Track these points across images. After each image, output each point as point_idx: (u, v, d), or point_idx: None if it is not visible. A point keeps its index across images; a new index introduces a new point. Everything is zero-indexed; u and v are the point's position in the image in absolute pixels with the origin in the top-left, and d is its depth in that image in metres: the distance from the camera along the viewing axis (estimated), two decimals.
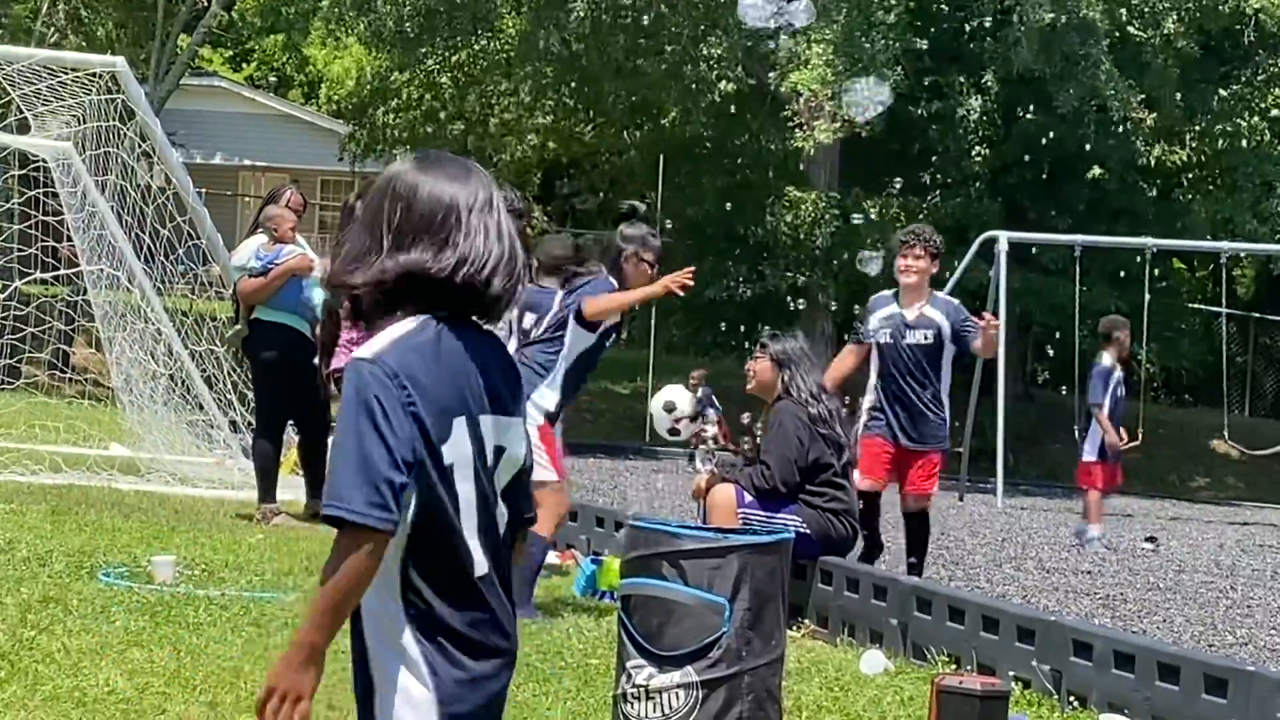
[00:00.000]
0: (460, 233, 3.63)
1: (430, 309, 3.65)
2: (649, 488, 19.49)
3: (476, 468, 3.63)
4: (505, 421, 3.72)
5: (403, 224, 3.64)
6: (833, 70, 29.14)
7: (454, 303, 3.65)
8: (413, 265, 3.61)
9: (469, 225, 3.64)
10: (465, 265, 3.61)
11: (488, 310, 3.69)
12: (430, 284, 3.61)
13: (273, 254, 13.64)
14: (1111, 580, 14.08)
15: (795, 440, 10.54)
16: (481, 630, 3.58)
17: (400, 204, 3.67)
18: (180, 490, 15.63)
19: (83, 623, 8.32)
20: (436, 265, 3.60)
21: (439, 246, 3.62)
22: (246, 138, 49.06)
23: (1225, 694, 7.45)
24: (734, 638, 6.26)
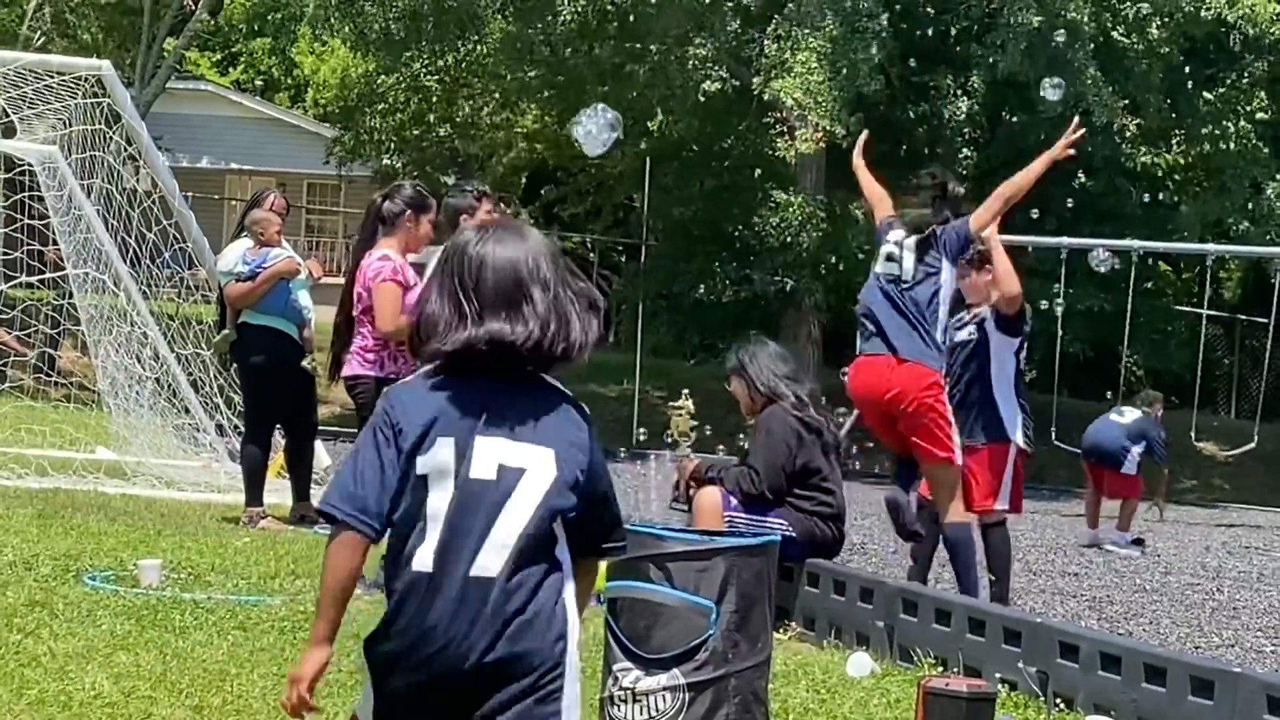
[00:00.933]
0: (529, 304, 4.06)
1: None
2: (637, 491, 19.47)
3: (459, 474, 3.98)
4: (521, 447, 4.03)
5: (480, 295, 4.06)
6: (816, 78, 29.15)
7: (518, 361, 4.08)
8: (496, 335, 4.02)
9: (534, 296, 4.08)
10: (541, 334, 4.05)
11: (544, 367, 4.15)
12: (507, 349, 4.03)
13: (259, 258, 13.62)
14: (1098, 582, 14.10)
15: (784, 446, 10.52)
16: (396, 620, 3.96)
17: (473, 274, 4.08)
18: (166, 494, 15.61)
19: (69, 626, 8.31)
20: (515, 336, 4.02)
21: (514, 317, 4.05)
22: (233, 141, 49.06)
23: (1211, 695, 7.45)
24: (720, 640, 6.25)
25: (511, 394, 4.08)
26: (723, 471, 10.73)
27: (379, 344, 10.77)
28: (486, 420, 4.02)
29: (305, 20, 36.87)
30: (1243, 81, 33.87)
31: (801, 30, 30.05)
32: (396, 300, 10.67)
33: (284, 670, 7.58)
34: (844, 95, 29.44)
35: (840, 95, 29.34)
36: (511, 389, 4.08)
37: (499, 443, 4.01)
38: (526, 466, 4.01)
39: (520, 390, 4.10)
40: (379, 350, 10.78)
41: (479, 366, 4.05)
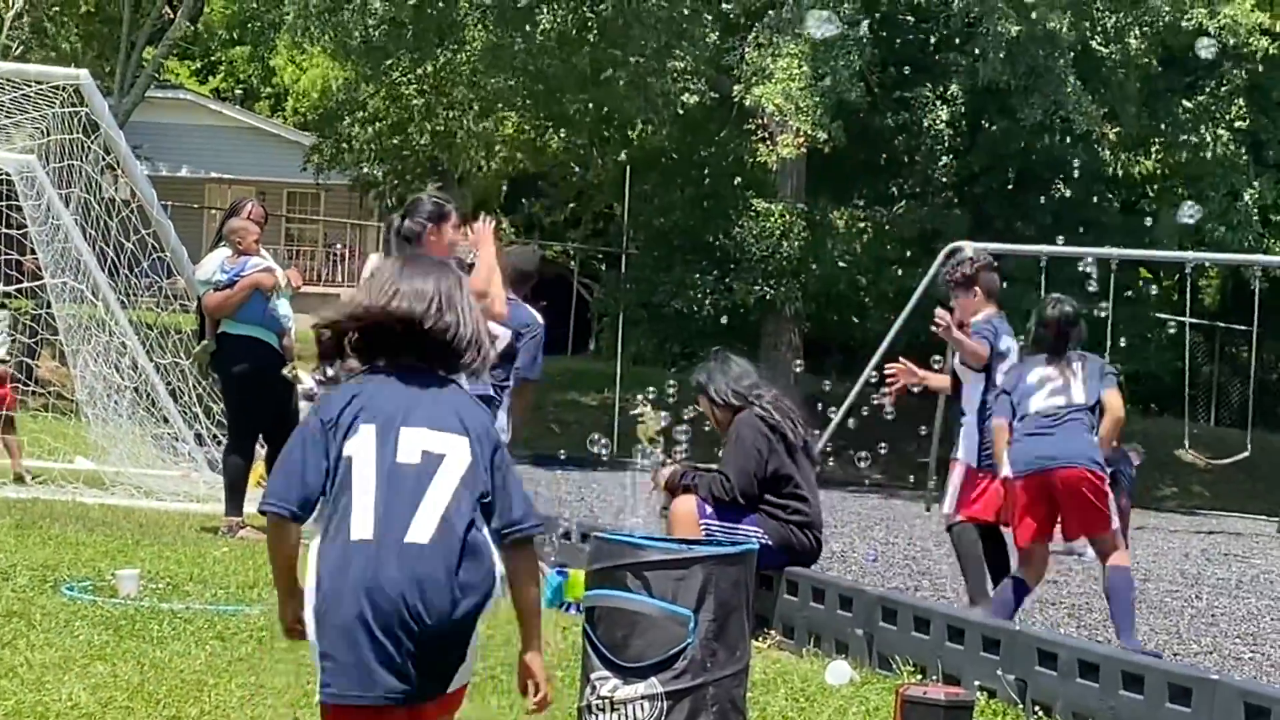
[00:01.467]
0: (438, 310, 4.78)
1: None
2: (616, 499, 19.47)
3: (380, 456, 4.63)
4: (441, 435, 4.71)
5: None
6: (797, 84, 29.17)
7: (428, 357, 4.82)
8: (405, 313, 4.79)
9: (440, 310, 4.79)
10: (442, 320, 4.78)
11: (452, 370, 4.84)
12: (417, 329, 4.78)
13: (238, 267, 13.60)
14: (1078, 590, 14.11)
15: (754, 451, 10.51)
16: (337, 578, 4.56)
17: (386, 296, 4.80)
18: (145, 503, 15.59)
19: (46, 637, 8.29)
20: (423, 316, 4.77)
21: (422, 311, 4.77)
22: (213, 150, 48.99)
23: (1189, 703, 7.46)
24: (698, 649, 6.25)
25: (428, 392, 4.75)
26: (697, 478, 10.72)
27: None
28: (408, 414, 4.68)
29: (285, 28, 36.82)
30: (1221, 90, 33.96)
31: (782, 37, 30.07)
32: None
33: (262, 680, 7.56)
34: (825, 101, 29.47)
35: (821, 101, 29.36)
36: (427, 387, 4.76)
37: (421, 432, 4.67)
38: (446, 452, 4.67)
39: (435, 390, 4.78)
40: None
41: (398, 368, 4.78)
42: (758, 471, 10.49)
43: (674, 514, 10.61)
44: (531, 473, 24.68)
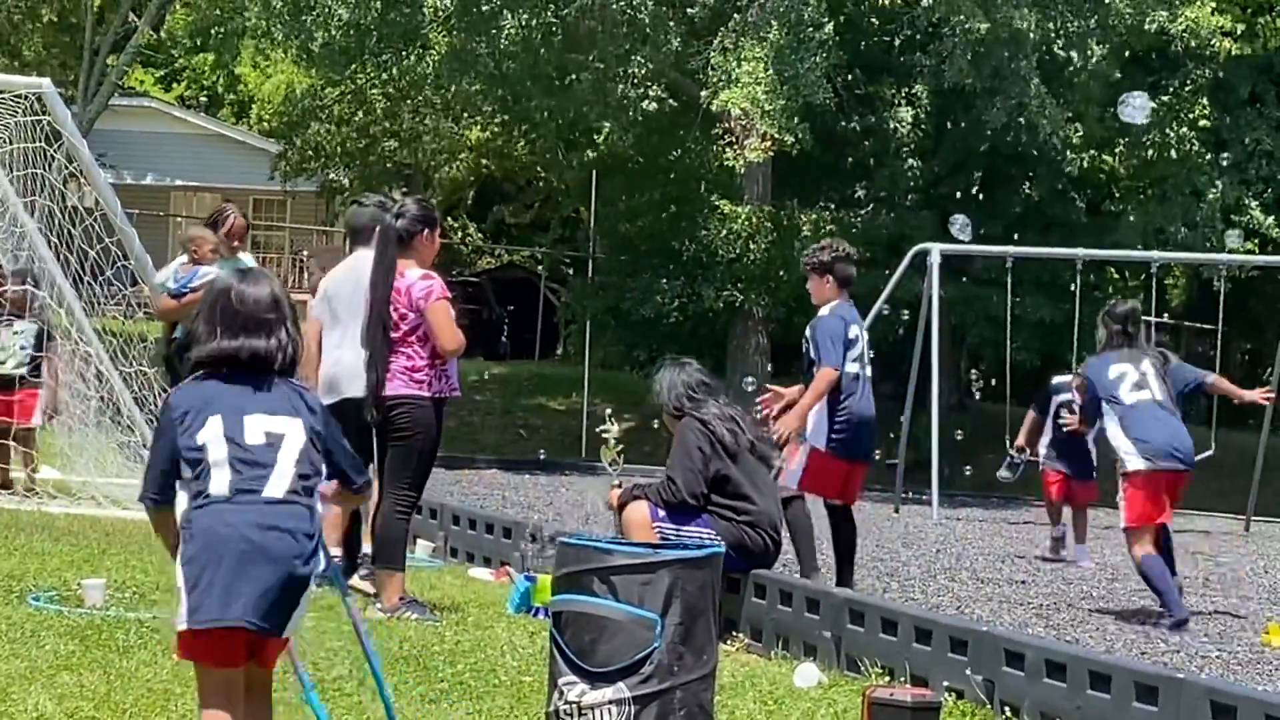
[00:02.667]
0: (277, 329, 5.90)
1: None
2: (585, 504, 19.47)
3: (229, 439, 5.69)
4: (279, 419, 5.81)
5: (242, 319, 5.89)
6: (762, 88, 29.16)
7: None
8: (252, 349, 5.88)
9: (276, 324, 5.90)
10: (281, 349, 5.91)
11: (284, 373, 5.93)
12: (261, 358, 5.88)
13: (189, 276, 13.62)
14: (1045, 590, 14.14)
15: (697, 451, 10.59)
16: (206, 530, 5.65)
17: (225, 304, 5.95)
18: (111, 513, 15.54)
19: (12, 647, 8.26)
20: (268, 350, 5.88)
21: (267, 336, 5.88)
22: (178, 158, 48.85)
23: (1156, 701, 7.49)
24: (665, 653, 6.25)
25: (264, 388, 5.84)
26: (646, 489, 10.79)
27: (429, 364, 10.61)
28: (249, 405, 5.77)
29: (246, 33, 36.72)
30: (1184, 89, 34.06)
31: (747, 40, 30.07)
32: (453, 317, 10.64)
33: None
34: (791, 104, 29.47)
35: (787, 104, 29.36)
36: (262, 385, 5.84)
37: (262, 418, 5.76)
38: (285, 432, 5.77)
39: (269, 386, 5.85)
40: (429, 370, 10.62)
41: (239, 370, 5.82)
42: (703, 472, 10.55)
43: (627, 520, 10.66)
44: (500, 477, 24.69)
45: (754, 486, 10.72)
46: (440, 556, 14.50)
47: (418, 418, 10.51)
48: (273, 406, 5.81)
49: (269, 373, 5.85)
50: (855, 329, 12.37)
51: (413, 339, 10.56)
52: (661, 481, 10.72)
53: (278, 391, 5.86)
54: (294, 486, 5.71)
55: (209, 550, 5.61)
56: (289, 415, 5.82)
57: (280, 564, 5.61)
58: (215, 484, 5.64)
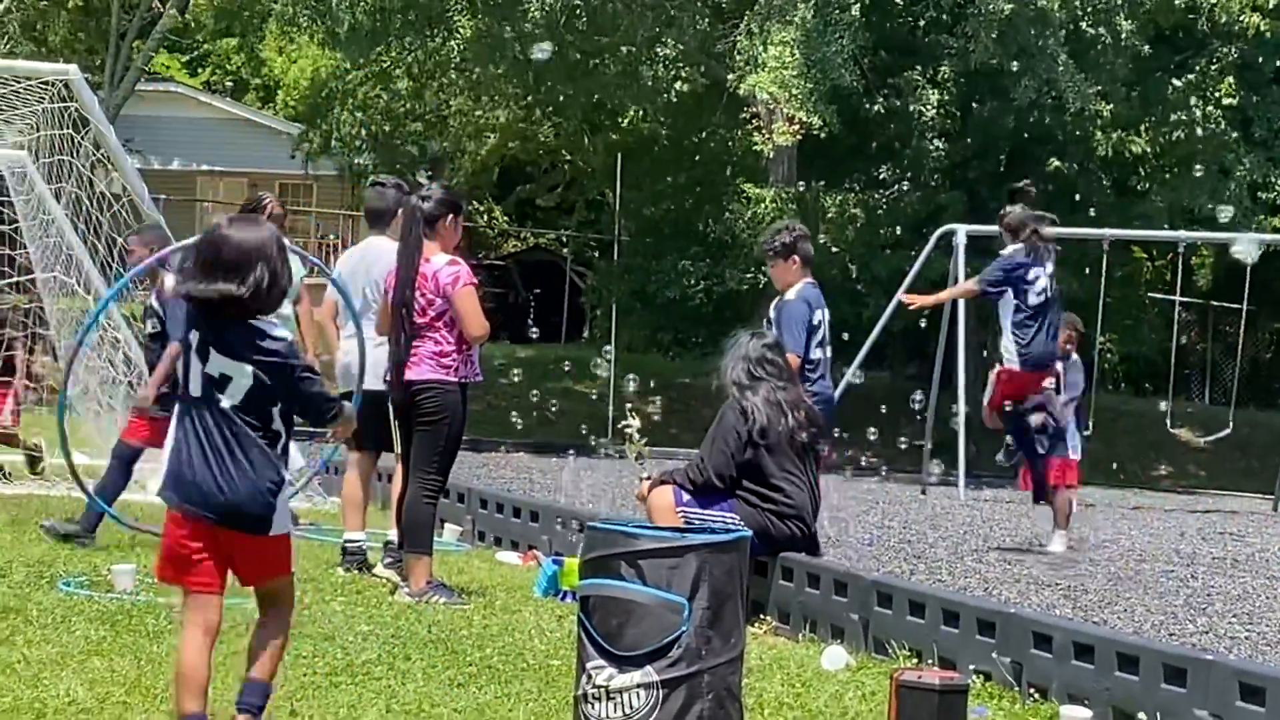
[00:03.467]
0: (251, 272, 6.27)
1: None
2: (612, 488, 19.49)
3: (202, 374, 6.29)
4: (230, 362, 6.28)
5: (217, 262, 6.31)
6: (789, 71, 29.12)
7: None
8: (224, 291, 6.26)
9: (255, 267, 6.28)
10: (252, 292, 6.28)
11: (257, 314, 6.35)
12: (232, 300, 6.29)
13: None
14: (1072, 571, 14.11)
15: (733, 435, 10.52)
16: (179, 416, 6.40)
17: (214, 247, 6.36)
18: (140, 498, 15.58)
19: (43, 633, 8.30)
20: (239, 292, 6.25)
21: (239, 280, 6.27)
22: (204, 143, 48.93)
23: (1185, 683, 7.48)
24: (693, 636, 6.26)
25: (229, 329, 6.27)
26: (674, 472, 10.77)
27: (456, 349, 10.61)
28: (215, 341, 6.26)
29: (272, 17, 36.74)
30: (1211, 68, 33.93)
31: (773, 24, 30.02)
32: (479, 303, 10.65)
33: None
34: (818, 88, 29.44)
35: (815, 87, 29.33)
36: (228, 326, 6.27)
37: (221, 359, 6.26)
38: (233, 375, 6.25)
39: (234, 327, 6.27)
40: (456, 355, 10.61)
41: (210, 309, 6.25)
42: (735, 455, 10.49)
43: (651, 505, 10.64)
44: (527, 460, 24.73)
45: (788, 477, 10.63)
46: (468, 540, 14.52)
47: (444, 402, 10.52)
48: (234, 346, 6.27)
49: (239, 313, 6.26)
50: (820, 313, 12.34)
51: (440, 324, 10.55)
52: (692, 461, 10.70)
53: (238, 333, 6.28)
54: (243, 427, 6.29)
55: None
56: (239, 360, 6.27)
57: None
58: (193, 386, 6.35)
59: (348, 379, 11.37)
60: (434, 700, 7.35)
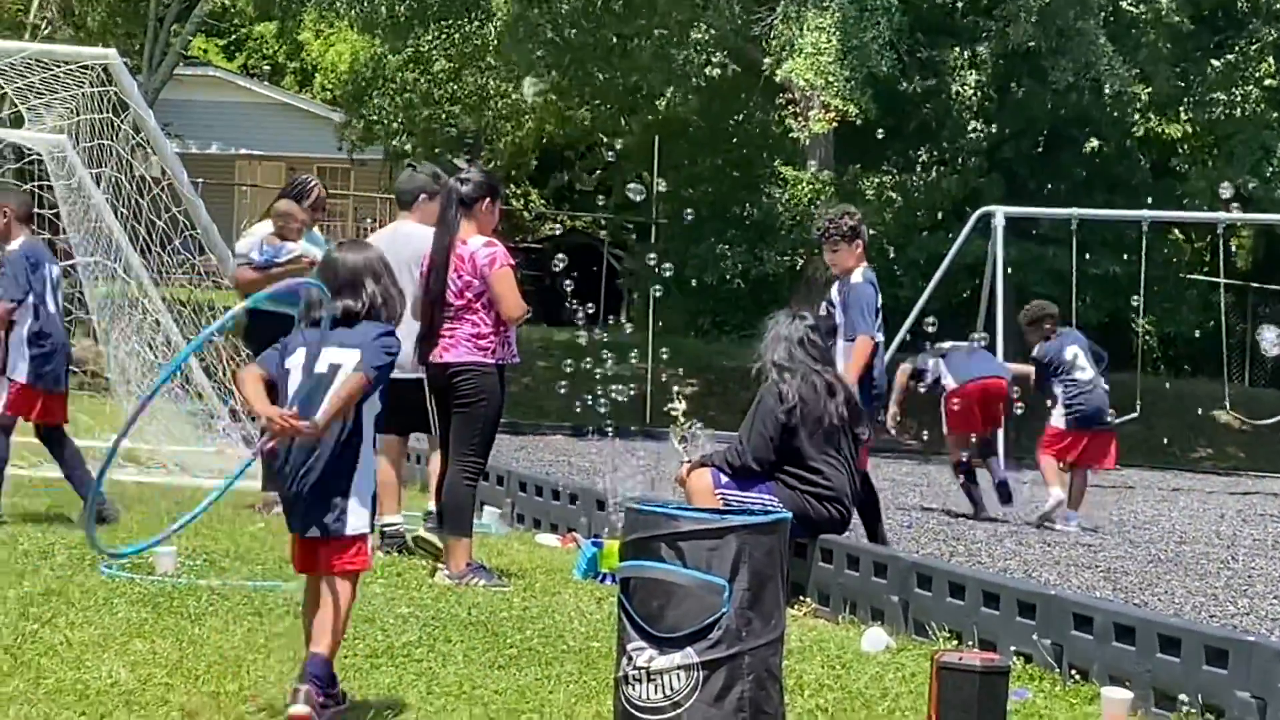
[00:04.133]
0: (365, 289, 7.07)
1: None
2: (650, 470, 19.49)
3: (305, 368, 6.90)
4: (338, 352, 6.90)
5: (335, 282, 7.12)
6: (826, 58, 29.05)
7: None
8: (346, 309, 7.05)
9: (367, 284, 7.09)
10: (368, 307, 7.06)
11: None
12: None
13: (274, 250, 13.68)
14: (1113, 553, 14.10)
15: (772, 418, 10.52)
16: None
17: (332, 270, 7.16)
18: (182, 480, 15.66)
19: (85, 615, 8.34)
20: (355, 308, 7.05)
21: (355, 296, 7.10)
22: (242, 127, 49.01)
23: (1226, 664, 7.46)
24: (733, 618, 6.26)
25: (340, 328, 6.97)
26: (713, 455, 10.76)
27: (494, 331, 10.60)
28: (326, 340, 6.90)
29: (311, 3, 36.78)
30: (1251, 48, 33.76)
31: (809, 9, 29.94)
32: (516, 284, 10.65)
33: (300, 655, 7.60)
34: (855, 74, 29.38)
35: (852, 74, 29.27)
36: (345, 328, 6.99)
37: (332, 349, 6.88)
38: (343, 363, 6.83)
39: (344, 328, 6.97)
40: (494, 337, 10.60)
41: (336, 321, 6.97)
42: (774, 439, 10.48)
43: (690, 488, 10.65)
44: (565, 443, 24.75)
45: (826, 459, 10.61)
46: (507, 523, 14.55)
47: (482, 384, 10.52)
48: (345, 341, 6.93)
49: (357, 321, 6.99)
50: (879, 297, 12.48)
51: (477, 306, 10.54)
52: (731, 444, 10.70)
53: (359, 330, 6.98)
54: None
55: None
56: (349, 347, 6.91)
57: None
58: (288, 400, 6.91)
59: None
60: (474, 682, 7.37)
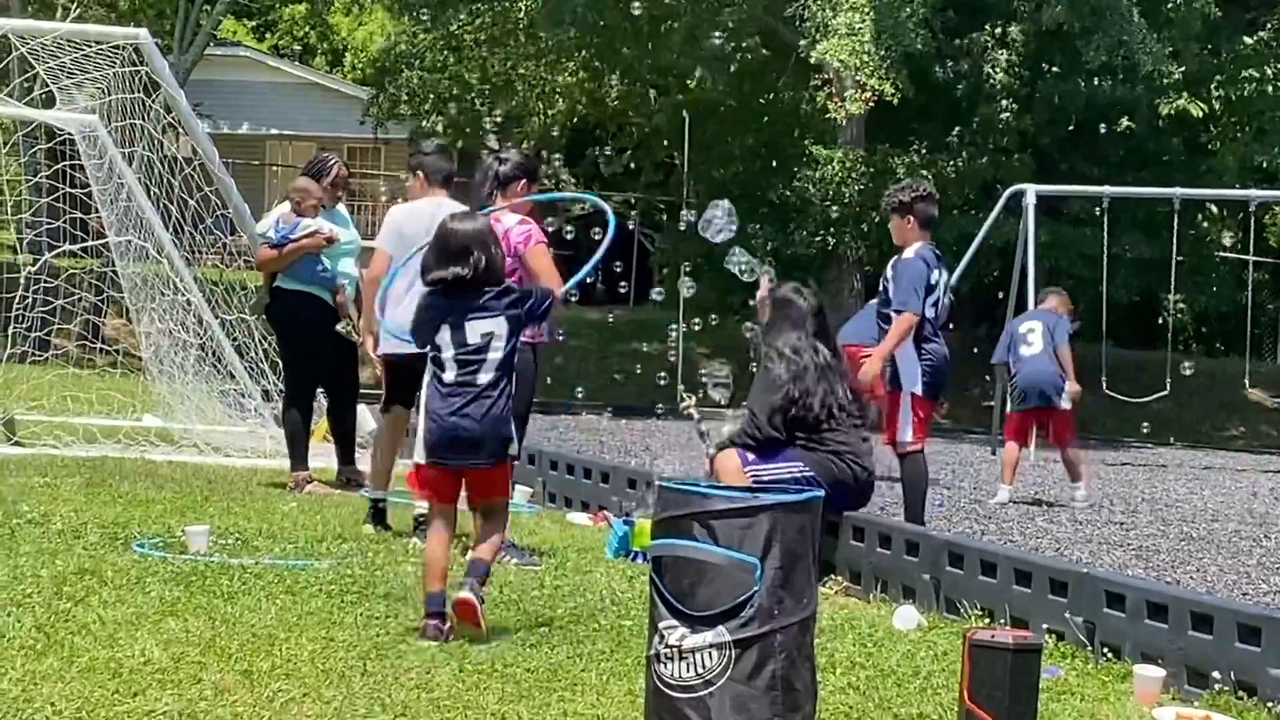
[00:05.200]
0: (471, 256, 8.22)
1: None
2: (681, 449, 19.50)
3: (454, 343, 8.17)
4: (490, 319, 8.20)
5: (447, 250, 8.29)
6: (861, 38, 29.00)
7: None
8: (455, 273, 8.26)
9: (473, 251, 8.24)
10: (474, 272, 8.23)
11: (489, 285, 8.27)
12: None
13: (289, 227, 13.72)
14: (1145, 531, 14.07)
15: (779, 391, 10.52)
16: (446, 401, 8.14)
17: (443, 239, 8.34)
18: (213, 460, 15.70)
19: (118, 594, 8.36)
20: (465, 273, 8.20)
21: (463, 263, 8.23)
22: (272, 107, 49.08)
23: (1259, 642, 7.45)
24: (765, 596, 6.25)
25: (477, 297, 8.19)
26: (732, 435, 10.74)
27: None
28: (469, 312, 8.15)
29: None
30: None
31: None
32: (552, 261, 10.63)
33: (332, 634, 7.62)
34: (890, 54, 29.32)
35: (887, 54, 29.21)
36: (476, 295, 8.19)
37: (478, 322, 8.15)
38: (494, 330, 8.15)
39: (483, 295, 8.20)
40: None
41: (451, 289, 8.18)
42: (784, 409, 10.48)
43: (719, 468, 10.61)
44: (596, 422, 24.75)
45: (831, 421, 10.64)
46: (538, 502, 14.56)
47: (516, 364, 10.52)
48: (488, 311, 8.17)
49: (475, 287, 8.14)
50: (936, 274, 12.25)
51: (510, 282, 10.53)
52: (744, 422, 10.68)
53: (489, 296, 8.18)
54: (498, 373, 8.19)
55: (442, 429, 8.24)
56: (494, 316, 8.17)
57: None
58: (448, 374, 8.17)
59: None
60: (506, 660, 7.37)
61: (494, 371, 8.15)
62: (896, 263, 12.39)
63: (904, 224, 12.44)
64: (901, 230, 12.48)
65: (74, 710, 6.14)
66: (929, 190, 12.70)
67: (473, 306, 8.14)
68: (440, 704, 6.57)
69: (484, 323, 8.14)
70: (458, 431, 8.08)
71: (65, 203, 19.74)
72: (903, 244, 12.47)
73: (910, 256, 12.26)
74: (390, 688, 6.73)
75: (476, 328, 8.14)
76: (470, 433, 8.09)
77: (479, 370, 8.13)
